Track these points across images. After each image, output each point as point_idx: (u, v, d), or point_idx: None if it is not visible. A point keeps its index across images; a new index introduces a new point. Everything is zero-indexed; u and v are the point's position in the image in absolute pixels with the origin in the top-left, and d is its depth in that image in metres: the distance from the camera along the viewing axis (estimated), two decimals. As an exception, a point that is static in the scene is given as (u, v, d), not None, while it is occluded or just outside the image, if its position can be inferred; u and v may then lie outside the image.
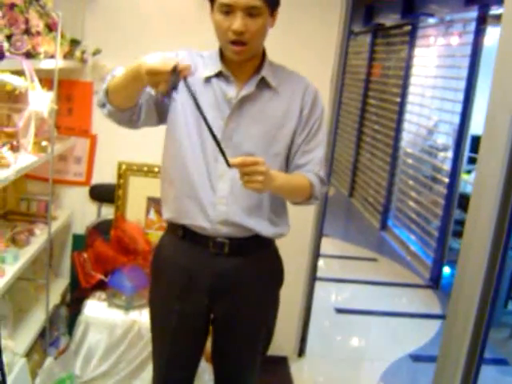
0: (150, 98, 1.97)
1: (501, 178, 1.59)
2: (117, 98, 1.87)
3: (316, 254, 3.74)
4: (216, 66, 1.98)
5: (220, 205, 2.00)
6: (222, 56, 2.00)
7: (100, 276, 3.17)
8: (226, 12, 1.83)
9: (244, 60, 1.94)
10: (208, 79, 1.98)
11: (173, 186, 2.06)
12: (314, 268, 3.75)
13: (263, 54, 2.04)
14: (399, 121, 7.18)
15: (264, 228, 2.07)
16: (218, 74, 1.98)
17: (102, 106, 1.91)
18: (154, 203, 3.36)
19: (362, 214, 8.16)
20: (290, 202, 2.10)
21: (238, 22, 1.81)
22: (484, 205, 1.70)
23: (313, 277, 3.78)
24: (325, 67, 3.40)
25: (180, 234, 2.10)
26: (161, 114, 2.03)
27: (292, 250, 3.54)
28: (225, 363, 2.25)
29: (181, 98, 1.97)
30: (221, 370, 2.28)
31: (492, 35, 5.20)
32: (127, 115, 1.93)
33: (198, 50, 2.07)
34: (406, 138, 7.14)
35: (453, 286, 2.03)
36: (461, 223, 5.45)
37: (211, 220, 2.01)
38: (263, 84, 2.00)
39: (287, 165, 2.09)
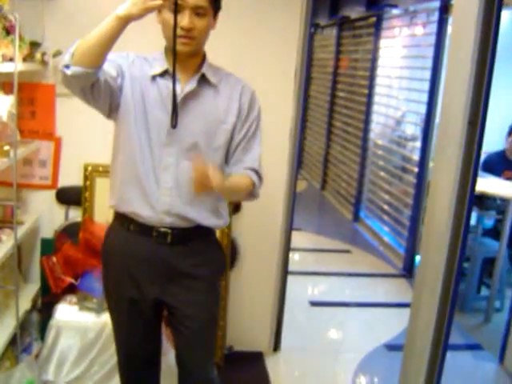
0: (107, 82, 2.03)
1: (457, 164, 1.61)
2: (86, 55, 1.88)
3: (287, 248, 3.74)
4: (162, 66, 2.13)
5: (164, 196, 2.15)
6: (167, 56, 2.15)
7: (70, 280, 3.14)
8: (174, 10, 1.98)
9: (188, 53, 2.09)
10: (154, 78, 2.12)
11: (119, 174, 2.20)
12: (285, 262, 3.76)
13: (204, 56, 2.20)
14: (368, 112, 7.22)
15: (206, 219, 2.23)
16: (164, 73, 2.13)
17: (66, 67, 1.91)
18: (122, 204, 3.34)
19: (334, 207, 8.20)
20: (229, 200, 2.29)
21: (186, 20, 2.00)
22: (442, 191, 1.73)
23: (285, 270, 3.78)
24: (288, 60, 3.39)
25: (125, 223, 2.24)
26: (112, 103, 2.11)
27: (263, 245, 3.57)
28: (181, 347, 2.38)
29: (131, 90, 2.11)
30: (179, 357, 2.40)
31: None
32: (90, 80, 1.94)
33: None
34: (375, 129, 7.20)
35: (416, 273, 2.05)
36: (431, 212, 5.49)
37: (155, 209, 2.15)
38: (204, 81, 2.16)
39: (226, 159, 2.25)
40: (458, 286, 1.82)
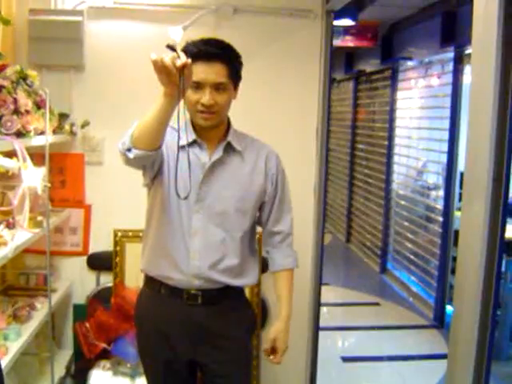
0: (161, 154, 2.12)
1: (484, 220, 1.65)
2: (145, 137, 1.94)
3: (317, 303, 3.74)
4: (190, 136, 2.18)
5: (193, 260, 2.20)
6: (193, 126, 2.21)
7: (103, 345, 3.16)
8: (195, 87, 2.06)
9: (211, 126, 2.16)
10: (182, 147, 2.12)
11: (150, 239, 2.27)
12: (316, 318, 3.75)
13: (228, 123, 2.27)
14: (388, 163, 7.26)
15: (234, 280, 2.27)
16: (192, 143, 2.19)
17: (127, 150, 1.98)
18: (152, 267, 3.37)
19: (360, 259, 8.17)
20: None
21: (207, 97, 2.07)
22: (471, 246, 1.76)
23: (316, 327, 3.77)
24: (310, 116, 3.49)
25: (156, 286, 2.28)
26: (157, 171, 2.19)
27: (292, 301, 3.55)
28: None
29: (167, 158, 2.17)
30: None
31: (470, 73, 5.31)
32: (152, 159, 2.05)
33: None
34: (397, 179, 7.22)
35: (450, 326, 2.06)
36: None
37: (184, 273, 2.20)
38: (230, 149, 2.23)
39: (260, 220, 2.39)
40: (494, 335, 1.84)
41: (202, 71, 2.05)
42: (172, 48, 1.80)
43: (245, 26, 3.35)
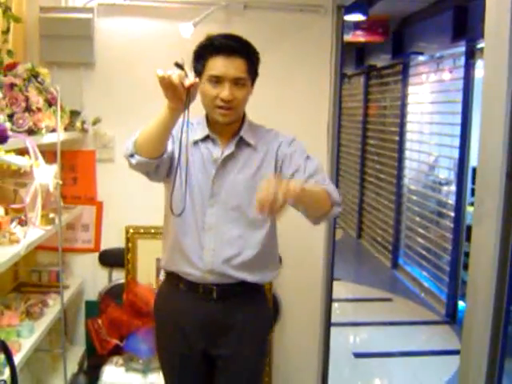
0: (168, 156, 2.13)
1: (497, 216, 1.64)
2: (148, 145, 2.01)
3: (329, 299, 3.73)
4: (203, 131, 2.21)
5: (206, 256, 2.20)
6: (208, 122, 2.22)
7: (116, 341, 3.17)
8: (215, 82, 2.07)
9: (229, 122, 2.16)
10: (196, 142, 2.19)
11: (168, 235, 2.30)
12: (328, 314, 3.73)
13: (243, 117, 2.28)
14: (400, 158, 7.24)
15: (248, 275, 2.26)
16: (205, 138, 2.21)
17: (130, 156, 2.04)
18: (164, 264, 3.38)
19: (372, 255, 8.15)
20: (313, 215, 2.10)
21: (226, 92, 2.07)
22: (484, 241, 1.75)
23: (328, 323, 3.76)
24: (321, 112, 3.46)
25: (174, 281, 2.31)
26: (168, 170, 2.20)
27: (304, 297, 3.56)
28: None
29: (178, 155, 2.14)
30: None
31: (482, 68, 5.28)
32: (154, 164, 2.08)
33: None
34: (409, 175, 7.19)
35: (463, 322, 2.05)
36: (471, 256, 5.42)
37: (199, 269, 2.21)
38: (243, 143, 2.22)
39: None
40: (507, 331, 1.83)
41: (223, 65, 2.06)
42: (180, 66, 1.82)
43: (255, 21, 3.34)
